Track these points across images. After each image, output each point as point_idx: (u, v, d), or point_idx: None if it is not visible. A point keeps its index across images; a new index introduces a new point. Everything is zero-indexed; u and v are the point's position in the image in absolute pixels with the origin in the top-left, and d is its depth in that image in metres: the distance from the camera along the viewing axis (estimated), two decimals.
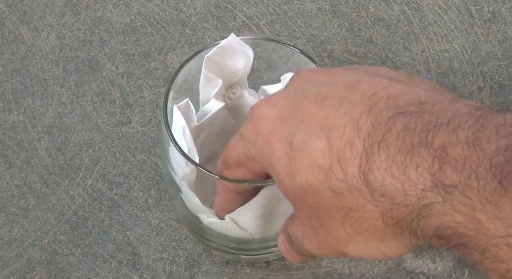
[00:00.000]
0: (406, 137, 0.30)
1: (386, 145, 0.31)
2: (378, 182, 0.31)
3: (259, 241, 0.46)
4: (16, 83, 0.58)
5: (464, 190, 0.28)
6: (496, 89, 0.58)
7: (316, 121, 0.33)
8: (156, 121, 0.56)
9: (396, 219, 0.31)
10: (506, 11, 0.62)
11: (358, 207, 0.32)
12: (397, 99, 0.32)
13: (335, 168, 0.32)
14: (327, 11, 0.62)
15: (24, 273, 0.50)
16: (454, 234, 0.29)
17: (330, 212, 0.33)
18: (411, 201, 0.30)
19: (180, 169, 0.44)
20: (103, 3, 0.62)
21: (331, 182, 0.32)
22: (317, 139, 0.33)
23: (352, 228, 0.33)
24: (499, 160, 0.28)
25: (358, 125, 0.32)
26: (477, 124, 0.29)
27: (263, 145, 0.36)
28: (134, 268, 0.50)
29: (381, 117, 0.31)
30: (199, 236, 0.48)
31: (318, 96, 0.34)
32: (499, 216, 0.27)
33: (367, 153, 0.31)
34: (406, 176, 0.30)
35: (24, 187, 0.53)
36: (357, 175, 0.31)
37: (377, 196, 0.31)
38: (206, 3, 0.62)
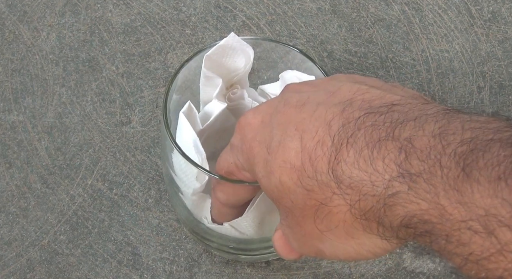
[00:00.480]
0: (373, 132, 0.31)
1: (354, 140, 0.32)
2: (346, 174, 0.32)
3: (259, 241, 0.46)
4: (16, 83, 0.58)
5: (429, 178, 0.29)
6: (496, 89, 0.58)
7: (292, 125, 0.35)
8: (156, 121, 0.56)
9: (363, 210, 0.32)
10: (506, 11, 0.62)
11: (327, 201, 0.33)
12: (371, 102, 0.33)
13: (306, 166, 0.33)
14: (327, 11, 0.62)
15: (24, 273, 0.50)
16: (419, 221, 0.30)
17: (303, 210, 0.34)
18: (378, 191, 0.31)
19: (188, 179, 0.43)
20: (103, 3, 0.62)
21: (303, 180, 0.33)
22: (291, 140, 0.34)
23: (323, 224, 0.34)
24: (463, 149, 0.29)
25: (330, 125, 0.33)
26: (444, 120, 0.30)
27: (246, 150, 0.37)
28: (134, 268, 0.50)
29: (352, 117, 0.33)
30: (199, 236, 0.48)
31: (299, 102, 0.36)
32: (461, 201, 0.28)
33: (336, 149, 0.32)
34: (373, 167, 0.31)
35: (24, 187, 0.53)
36: (326, 171, 0.32)
37: (345, 188, 0.32)
38: (206, 3, 0.62)
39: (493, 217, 0.27)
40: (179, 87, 0.46)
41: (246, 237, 0.46)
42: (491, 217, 0.27)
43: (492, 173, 0.27)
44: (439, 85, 0.58)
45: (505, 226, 0.27)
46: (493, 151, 0.28)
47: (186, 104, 0.45)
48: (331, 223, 0.33)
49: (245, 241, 0.46)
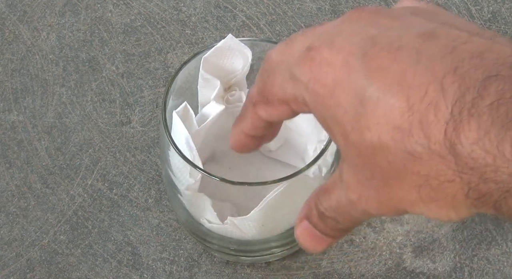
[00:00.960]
0: (500, 107, 0.28)
1: (478, 113, 0.28)
2: (467, 153, 0.28)
3: (260, 242, 0.46)
4: (16, 83, 0.58)
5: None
6: None
7: (391, 76, 0.30)
8: (156, 121, 0.56)
9: (481, 194, 0.29)
10: (506, 11, 0.62)
11: (437, 174, 0.30)
12: (482, 58, 0.29)
13: (415, 130, 0.29)
14: (327, 11, 0.62)
15: (24, 273, 0.50)
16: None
17: (401, 174, 0.31)
18: (502, 177, 0.28)
19: (183, 177, 0.44)
20: (103, 3, 0.62)
21: (409, 144, 0.30)
22: (393, 97, 0.30)
23: (427, 195, 0.31)
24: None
25: (443, 86, 0.29)
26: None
27: (325, 95, 0.32)
28: (134, 268, 0.50)
29: (469, 80, 0.29)
30: (199, 238, 0.48)
31: (392, 44, 0.31)
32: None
33: (455, 120, 0.28)
34: (499, 151, 0.28)
35: (24, 187, 0.53)
36: (441, 141, 0.29)
37: (464, 167, 0.29)
38: (206, 3, 0.62)
39: None
40: (179, 88, 0.46)
41: (247, 237, 0.46)
42: None
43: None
44: None
45: None
46: None
47: (182, 104, 0.45)
48: (437, 195, 0.30)
49: (246, 242, 0.46)
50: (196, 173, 0.42)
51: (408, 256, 0.51)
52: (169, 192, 0.48)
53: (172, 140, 0.42)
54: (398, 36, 0.31)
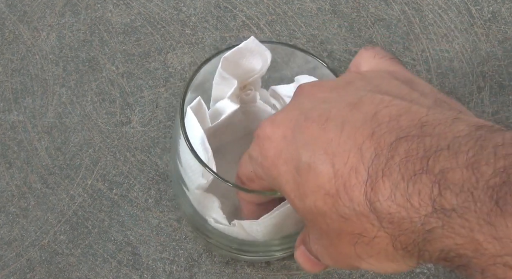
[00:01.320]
0: (408, 164, 0.31)
1: (390, 171, 0.31)
2: (385, 210, 0.31)
3: (263, 244, 0.46)
4: (16, 83, 0.58)
5: (463, 212, 0.29)
6: (496, 89, 0.58)
7: (320, 145, 0.33)
8: (156, 121, 0.56)
9: (405, 244, 0.31)
10: (506, 11, 0.62)
11: (367, 232, 0.32)
12: (399, 120, 0.32)
13: (342, 194, 0.32)
14: (327, 11, 0.62)
15: (24, 273, 0.50)
16: (456, 256, 0.30)
17: (339, 234, 0.34)
18: (417, 227, 0.30)
19: (194, 175, 0.44)
20: (103, 3, 0.62)
21: (338, 207, 0.33)
22: (322, 164, 0.33)
23: (363, 251, 0.33)
24: (495, 181, 0.28)
25: (362, 151, 0.32)
26: (476, 146, 0.30)
27: (269, 167, 0.36)
28: (134, 268, 0.50)
29: (383, 143, 0.32)
30: (201, 233, 0.48)
31: (321, 116, 0.34)
32: (496, 235, 0.28)
33: (372, 180, 0.31)
34: (410, 203, 0.30)
35: (24, 187, 0.53)
36: (363, 202, 0.32)
37: (385, 223, 0.31)
38: (206, 3, 0.62)
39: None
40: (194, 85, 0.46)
41: (251, 239, 0.46)
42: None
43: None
44: (439, 85, 0.58)
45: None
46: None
47: (196, 99, 0.45)
48: (372, 250, 0.33)
49: (249, 242, 0.46)
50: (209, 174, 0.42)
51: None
52: (176, 186, 0.47)
53: (188, 139, 0.42)
54: (329, 108, 0.34)
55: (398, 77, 0.37)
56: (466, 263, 0.29)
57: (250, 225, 0.44)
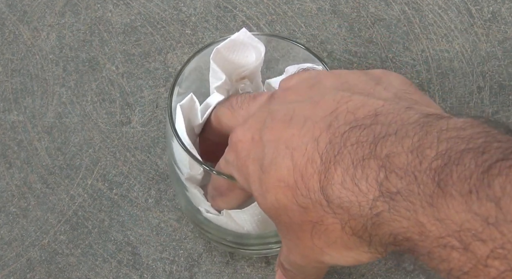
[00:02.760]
0: (358, 149, 0.32)
1: (341, 158, 0.32)
2: (335, 195, 0.32)
3: (256, 237, 0.47)
4: (16, 83, 0.58)
5: (407, 195, 0.29)
6: (496, 89, 0.58)
7: (282, 142, 0.35)
8: (156, 121, 0.56)
9: (355, 229, 0.32)
10: (506, 11, 0.62)
11: (322, 219, 0.33)
12: (355, 113, 0.33)
13: (299, 184, 0.33)
14: (327, 11, 0.62)
15: (24, 273, 0.50)
16: (404, 239, 0.30)
17: (301, 225, 0.34)
18: (365, 211, 0.31)
19: (185, 167, 0.44)
20: (103, 3, 0.62)
21: (297, 198, 0.34)
22: (282, 158, 0.34)
23: (321, 240, 0.34)
24: (438, 164, 0.29)
25: (318, 142, 0.33)
26: (422, 131, 0.30)
27: (240, 168, 0.38)
28: (134, 268, 0.50)
29: (338, 132, 0.33)
30: (198, 227, 0.48)
31: (286, 116, 0.36)
32: (438, 217, 0.28)
33: (325, 168, 0.32)
34: (359, 188, 0.31)
35: (24, 187, 0.53)
36: (318, 190, 0.33)
37: (335, 208, 0.32)
38: (206, 3, 0.62)
39: (467, 232, 0.27)
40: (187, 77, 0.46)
41: (243, 231, 0.46)
42: (466, 231, 0.27)
43: (464, 186, 0.28)
44: (439, 85, 0.58)
45: (479, 240, 0.27)
46: (465, 162, 0.28)
47: (187, 97, 0.45)
48: (329, 238, 0.34)
49: (241, 235, 0.46)
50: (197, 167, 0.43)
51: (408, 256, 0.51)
52: (173, 181, 0.48)
53: (175, 131, 0.43)
54: (293, 107, 0.36)
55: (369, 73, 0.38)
56: (412, 246, 0.30)
57: (237, 213, 0.44)
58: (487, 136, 0.29)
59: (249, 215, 0.44)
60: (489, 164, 0.27)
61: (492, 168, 0.27)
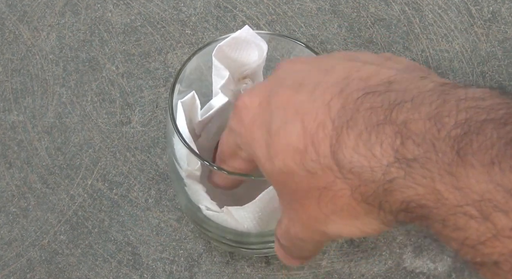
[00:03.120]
0: (372, 115, 0.31)
1: (354, 123, 0.31)
2: (347, 159, 0.31)
3: (256, 236, 0.46)
4: (16, 83, 0.58)
5: (424, 162, 0.29)
6: None
7: (291, 107, 0.34)
8: (156, 121, 0.56)
9: (365, 195, 0.32)
10: (506, 11, 0.62)
11: (331, 185, 0.33)
12: (368, 80, 0.33)
13: (309, 149, 0.33)
14: (327, 11, 0.62)
15: (24, 273, 0.50)
16: (417, 206, 0.30)
17: (307, 192, 0.34)
18: (377, 176, 0.30)
19: (184, 163, 0.44)
20: (103, 3, 0.62)
21: (306, 163, 0.33)
22: (292, 123, 0.34)
23: (328, 207, 0.34)
24: (457, 132, 0.28)
25: (329, 106, 0.33)
26: (439, 100, 0.30)
27: (245, 133, 0.37)
28: (134, 268, 0.50)
29: (351, 98, 0.32)
30: (198, 225, 0.48)
31: (295, 82, 0.35)
32: (457, 185, 0.28)
33: (337, 133, 0.32)
34: (372, 153, 0.31)
35: (24, 187, 0.53)
36: (328, 155, 0.32)
37: (346, 173, 0.32)
38: (206, 3, 0.62)
39: (488, 202, 0.27)
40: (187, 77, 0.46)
41: (243, 229, 0.46)
42: (487, 202, 0.27)
43: (485, 157, 0.27)
44: None
45: (501, 211, 0.27)
46: (487, 132, 0.28)
47: (189, 94, 0.45)
48: (336, 206, 0.33)
49: (241, 233, 0.46)
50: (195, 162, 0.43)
51: (408, 256, 0.51)
52: (174, 180, 0.48)
53: (176, 126, 0.43)
54: (302, 75, 0.35)
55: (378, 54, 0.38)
56: (426, 213, 0.29)
57: (237, 210, 0.44)
58: (508, 108, 0.28)
59: (250, 212, 0.44)
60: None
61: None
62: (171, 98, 0.44)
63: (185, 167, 0.44)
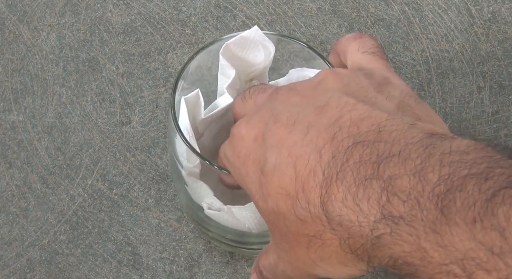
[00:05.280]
0: (361, 168, 0.31)
1: (343, 175, 0.32)
2: (336, 212, 0.32)
3: (257, 236, 0.46)
4: (16, 83, 0.58)
5: (410, 220, 0.29)
6: (496, 89, 0.58)
7: (285, 148, 0.34)
8: (156, 121, 0.56)
9: (353, 248, 0.32)
10: (506, 11, 0.62)
11: (320, 234, 0.33)
12: (359, 125, 0.33)
13: (300, 196, 0.33)
14: (327, 11, 0.62)
15: (24, 273, 0.50)
16: (404, 263, 0.30)
17: (297, 237, 0.34)
18: (365, 232, 0.31)
19: (185, 160, 0.44)
20: (103, 3, 0.62)
21: (296, 209, 0.33)
22: (285, 166, 0.34)
23: (316, 254, 0.34)
24: (440, 189, 0.29)
25: (321, 154, 0.33)
26: (425, 153, 0.30)
27: (239, 166, 0.37)
28: (134, 268, 0.50)
29: (341, 147, 0.32)
30: (199, 225, 0.48)
31: (289, 120, 0.35)
32: (442, 243, 0.28)
33: (327, 183, 0.32)
34: (360, 208, 0.31)
35: (24, 187, 0.53)
36: (318, 204, 0.32)
37: (335, 225, 0.32)
38: (206, 3, 0.62)
39: (471, 261, 0.27)
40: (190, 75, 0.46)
41: (244, 228, 0.46)
42: (470, 260, 0.27)
43: (468, 214, 0.27)
44: (439, 85, 0.58)
45: (482, 270, 0.27)
46: (468, 188, 0.28)
47: (194, 92, 0.45)
48: (324, 253, 0.34)
49: (242, 233, 0.46)
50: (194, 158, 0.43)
51: None
52: (175, 179, 0.48)
53: (176, 121, 0.43)
54: (297, 111, 0.35)
55: (372, 76, 0.38)
56: (413, 271, 0.29)
57: (239, 210, 0.44)
58: (490, 161, 0.29)
59: (251, 212, 0.44)
60: (493, 191, 0.27)
61: (496, 196, 0.27)
62: (173, 94, 0.44)
63: (185, 163, 0.44)
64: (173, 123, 0.43)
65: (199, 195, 0.46)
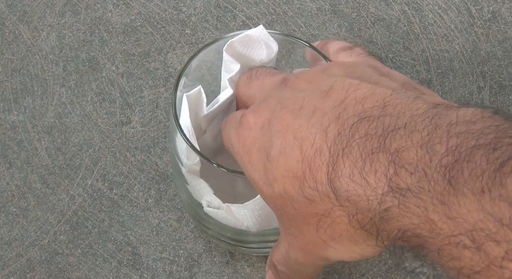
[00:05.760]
0: (367, 142, 0.31)
1: (350, 151, 0.32)
2: (343, 188, 0.32)
3: (256, 235, 0.47)
4: (16, 83, 0.58)
5: (418, 192, 0.29)
6: (496, 89, 0.58)
7: (291, 132, 0.35)
8: (156, 121, 0.56)
9: (362, 223, 0.32)
10: (506, 11, 0.62)
11: (329, 212, 0.33)
12: (363, 103, 0.33)
13: (307, 176, 0.33)
14: (327, 11, 0.62)
15: (24, 273, 0.50)
16: (413, 235, 0.30)
17: (306, 218, 0.34)
18: (373, 205, 0.31)
19: (185, 158, 0.44)
20: (103, 3, 0.62)
21: (304, 189, 0.33)
22: (291, 149, 0.34)
23: (326, 234, 0.34)
24: (448, 160, 0.28)
25: (326, 133, 0.33)
26: (431, 125, 0.30)
27: (243, 154, 0.37)
28: (134, 268, 0.50)
29: (347, 124, 0.33)
30: (198, 223, 0.48)
31: (295, 105, 0.35)
32: (450, 215, 0.28)
33: (333, 160, 0.32)
34: (367, 181, 0.31)
35: (24, 187, 0.53)
36: (325, 182, 0.32)
37: (343, 201, 0.32)
38: (206, 3, 0.62)
39: (480, 232, 0.27)
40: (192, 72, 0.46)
41: (242, 227, 0.46)
42: (479, 231, 0.27)
43: (476, 185, 0.27)
44: (439, 85, 0.58)
45: (493, 241, 0.27)
46: (476, 159, 0.28)
47: (196, 88, 0.45)
48: (334, 232, 0.34)
49: (240, 231, 0.46)
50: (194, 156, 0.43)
51: (408, 256, 0.51)
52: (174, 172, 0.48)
53: (177, 118, 0.43)
54: (303, 96, 0.36)
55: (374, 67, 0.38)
56: (422, 242, 0.29)
57: (238, 208, 0.44)
58: (498, 131, 0.28)
59: (249, 210, 0.44)
60: (501, 161, 0.27)
61: (504, 166, 0.27)
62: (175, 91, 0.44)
63: (185, 161, 0.44)
64: (174, 121, 0.43)
65: (199, 193, 0.46)
